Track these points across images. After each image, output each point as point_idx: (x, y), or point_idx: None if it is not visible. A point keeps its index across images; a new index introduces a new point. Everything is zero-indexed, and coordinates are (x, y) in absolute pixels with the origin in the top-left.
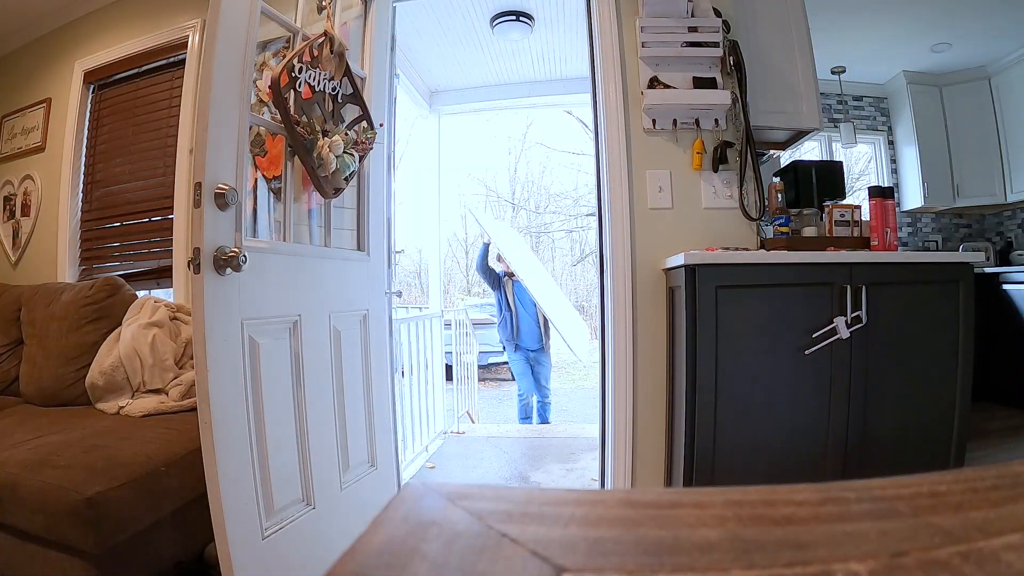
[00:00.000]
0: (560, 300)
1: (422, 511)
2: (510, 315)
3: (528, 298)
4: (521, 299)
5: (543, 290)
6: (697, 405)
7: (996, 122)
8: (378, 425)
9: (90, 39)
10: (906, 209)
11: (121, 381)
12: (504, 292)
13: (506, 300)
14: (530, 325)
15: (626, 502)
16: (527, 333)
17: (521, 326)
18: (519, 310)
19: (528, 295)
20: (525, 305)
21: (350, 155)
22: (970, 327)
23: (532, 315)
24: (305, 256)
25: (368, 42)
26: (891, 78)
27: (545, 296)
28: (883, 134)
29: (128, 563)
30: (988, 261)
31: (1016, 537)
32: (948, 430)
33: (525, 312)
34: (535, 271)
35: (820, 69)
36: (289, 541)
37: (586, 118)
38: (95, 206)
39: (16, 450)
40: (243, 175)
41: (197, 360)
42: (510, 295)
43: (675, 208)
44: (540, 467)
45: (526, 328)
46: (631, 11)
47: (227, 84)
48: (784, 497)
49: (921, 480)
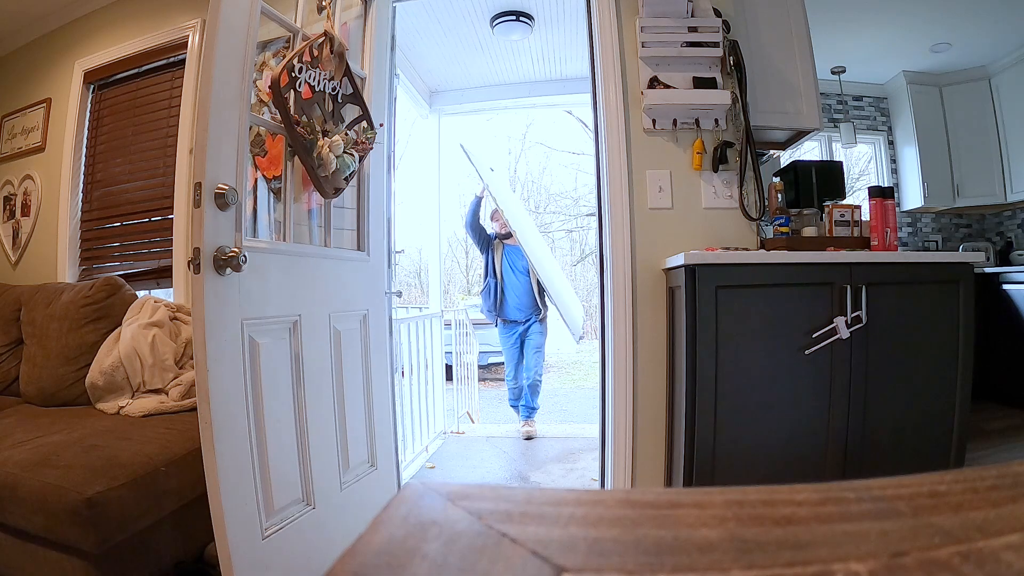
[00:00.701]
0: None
1: (422, 511)
2: (495, 282)
3: (521, 264)
4: (513, 264)
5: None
6: (697, 405)
7: (996, 122)
8: (378, 425)
9: (90, 39)
10: (906, 209)
11: (121, 381)
12: (492, 255)
13: (493, 265)
14: (520, 294)
15: (626, 502)
16: (515, 303)
17: (507, 295)
18: (506, 277)
19: (522, 261)
20: (516, 271)
21: (350, 155)
22: (970, 327)
23: (524, 284)
24: (305, 256)
25: (368, 42)
26: (891, 78)
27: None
28: (883, 134)
29: (128, 563)
30: (988, 261)
31: (1016, 537)
32: (948, 430)
33: (515, 279)
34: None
35: (820, 69)
36: (289, 541)
37: (586, 118)
38: (95, 206)
39: (16, 450)
40: (243, 175)
41: (197, 360)
42: (498, 260)
43: (675, 208)
44: (540, 467)
45: (514, 298)
46: (631, 11)
47: (227, 84)
48: (784, 497)
49: (921, 480)
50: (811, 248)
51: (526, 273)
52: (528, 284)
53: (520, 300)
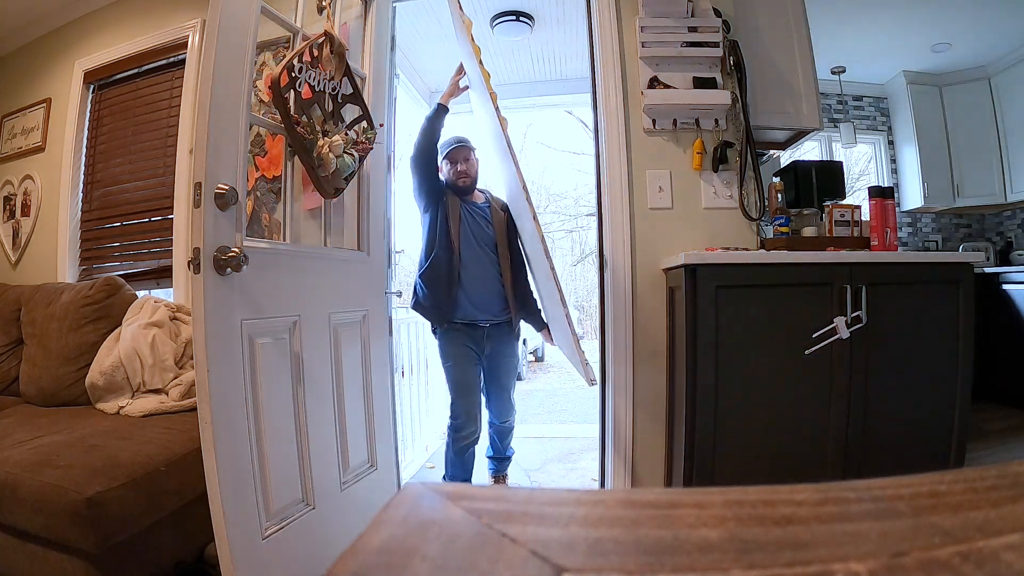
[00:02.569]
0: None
1: (422, 511)
2: (447, 259)
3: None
4: (476, 233)
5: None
6: (697, 405)
7: (996, 122)
8: (378, 425)
9: (90, 39)
10: (906, 209)
11: (121, 381)
12: (441, 216)
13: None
14: (484, 281)
15: (626, 502)
16: (476, 296)
17: (464, 281)
18: (465, 252)
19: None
20: (482, 245)
21: (350, 155)
22: (970, 327)
23: (490, 265)
24: (305, 256)
25: (368, 42)
26: (891, 78)
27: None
28: (883, 134)
29: (128, 563)
30: (988, 261)
31: (1016, 537)
32: (948, 430)
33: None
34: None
35: (820, 69)
36: (289, 541)
37: (586, 118)
38: (95, 206)
39: (16, 450)
40: (243, 175)
41: (197, 360)
42: (454, 223)
43: (675, 208)
44: (540, 467)
45: (475, 286)
46: (631, 11)
47: (227, 84)
48: (784, 497)
49: (921, 480)
50: (811, 248)
51: (494, 249)
52: (497, 266)
53: (484, 290)
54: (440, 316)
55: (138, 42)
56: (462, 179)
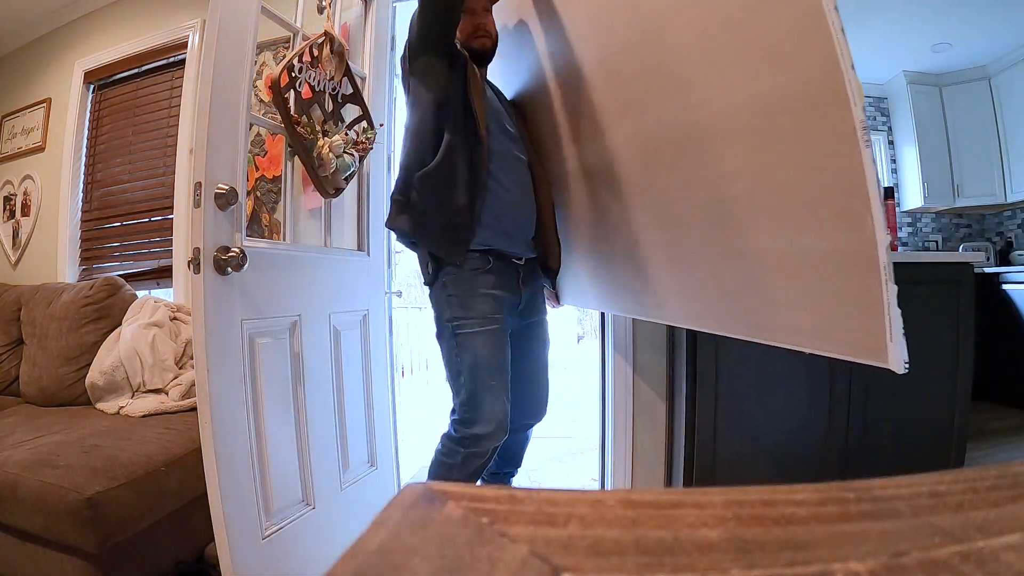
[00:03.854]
0: None
1: (422, 511)
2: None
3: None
4: (505, 125)
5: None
6: (697, 404)
7: (996, 122)
8: (378, 425)
9: (90, 39)
10: (906, 209)
11: (121, 381)
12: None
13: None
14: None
15: (626, 502)
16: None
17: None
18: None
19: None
20: (514, 140)
21: (350, 155)
22: (970, 327)
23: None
24: (305, 256)
25: (368, 42)
26: (891, 78)
27: None
28: (883, 134)
29: (128, 563)
30: (988, 261)
31: (1016, 537)
32: (948, 430)
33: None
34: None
35: None
36: (289, 541)
37: None
38: (95, 206)
39: (16, 450)
40: (243, 175)
41: (197, 360)
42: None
43: None
44: (540, 467)
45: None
46: None
47: (227, 84)
48: (784, 497)
49: (921, 480)
50: None
51: (522, 149)
52: (529, 173)
53: (518, 210)
54: (454, 241)
55: (138, 42)
56: (482, 38)
